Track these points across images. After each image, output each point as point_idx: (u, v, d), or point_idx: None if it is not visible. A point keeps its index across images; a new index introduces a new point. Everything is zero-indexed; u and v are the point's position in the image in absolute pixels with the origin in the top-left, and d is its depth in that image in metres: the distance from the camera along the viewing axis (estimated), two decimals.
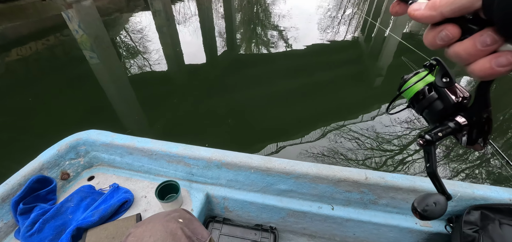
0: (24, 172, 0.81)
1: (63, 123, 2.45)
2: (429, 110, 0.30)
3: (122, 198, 0.84)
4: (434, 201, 0.29)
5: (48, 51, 4.18)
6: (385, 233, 0.88)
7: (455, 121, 0.27)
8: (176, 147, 0.88)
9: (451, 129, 0.28)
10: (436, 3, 0.19)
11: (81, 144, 0.94)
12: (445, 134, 0.28)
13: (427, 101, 0.30)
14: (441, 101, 0.29)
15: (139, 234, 0.41)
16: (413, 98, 0.32)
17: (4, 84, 3.25)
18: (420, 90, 0.31)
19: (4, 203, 0.76)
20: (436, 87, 0.29)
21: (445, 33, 0.19)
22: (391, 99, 0.36)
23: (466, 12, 0.18)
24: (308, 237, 0.99)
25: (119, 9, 6.09)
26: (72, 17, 5.19)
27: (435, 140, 0.29)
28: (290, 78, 3.45)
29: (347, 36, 5.14)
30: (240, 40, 4.94)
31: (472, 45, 0.18)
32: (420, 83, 0.31)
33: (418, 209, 0.29)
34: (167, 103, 2.80)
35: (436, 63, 0.29)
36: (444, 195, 0.30)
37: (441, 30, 0.19)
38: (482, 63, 0.18)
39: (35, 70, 3.66)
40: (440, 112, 0.29)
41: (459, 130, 0.28)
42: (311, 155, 2.16)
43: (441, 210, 0.29)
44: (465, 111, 0.27)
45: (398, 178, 0.79)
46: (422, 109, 0.31)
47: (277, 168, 0.82)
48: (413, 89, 0.31)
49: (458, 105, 0.28)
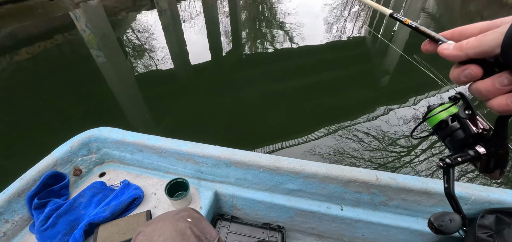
0: (38, 168, 0.83)
1: (72, 121, 2.50)
2: (451, 138, 0.32)
3: (133, 194, 0.85)
4: (450, 219, 0.32)
5: (56, 49, 4.26)
6: (395, 235, 0.87)
7: (475, 150, 0.30)
8: (185, 145, 0.89)
9: (470, 156, 0.30)
10: (463, 45, 0.22)
11: (93, 141, 0.95)
12: (464, 160, 0.31)
13: (449, 130, 0.32)
14: (463, 131, 0.31)
15: (148, 233, 0.41)
16: (437, 125, 0.34)
17: (15, 83, 3.34)
18: (444, 119, 0.33)
19: (20, 198, 0.78)
20: (458, 118, 0.32)
21: (469, 72, 0.22)
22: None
23: (487, 55, 0.21)
24: (316, 237, 0.98)
25: (126, 8, 6.16)
26: (79, 17, 5.27)
27: (455, 165, 0.31)
28: (296, 77, 3.43)
29: (354, 33, 5.07)
30: (246, 39, 4.93)
31: (491, 84, 0.21)
32: (444, 112, 0.33)
33: (434, 224, 0.32)
34: (174, 102, 2.82)
35: (460, 97, 0.32)
36: (459, 215, 0.33)
37: (465, 68, 0.22)
38: (500, 100, 0.21)
39: (44, 68, 3.74)
40: (461, 141, 0.31)
41: (478, 159, 0.30)
42: (318, 154, 2.15)
43: (455, 227, 0.32)
44: (485, 141, 0.30)
45: (410, 179, 0.78)
46: (445, 136, 0.33)
47: (286, 168, 0.82)
48: (438, 118, 0.34)
49: (478, 136, 0.30)
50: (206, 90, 3.07)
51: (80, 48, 4.29)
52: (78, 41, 4.53)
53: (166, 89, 3.18)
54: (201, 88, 3.13)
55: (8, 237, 0.75)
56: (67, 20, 5.23)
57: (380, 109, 2.65)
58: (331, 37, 4.79)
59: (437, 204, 0.80)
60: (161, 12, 6.03)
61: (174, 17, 5.84)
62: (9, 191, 0.76)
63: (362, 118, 2.52)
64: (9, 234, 0.75)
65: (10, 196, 0.75)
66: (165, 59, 3.86)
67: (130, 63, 3.83)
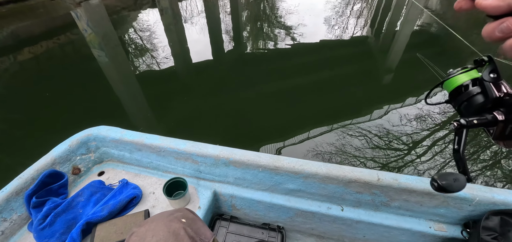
0: (36, 166, 0.83)
1: (73, 119, 2.51)
2: (468, 103, 0.31)
3: (131, 194, 0.84)
4: (454, 178, 0.30)
5: (59, 49, 4.28)
6: (397, 237, 0.85)
7: (493, 115, 0.28)
8: (184, 144, 0.88)
9: (487, 120, 0.29)
10: None
11: (92, 139, 0.95)
12: (479, 124, 0.29)
13: (468, 94, 0.31)
14: (483, 95, 0.30)
15: (141, 234, 0.41)
16: (454, 90, 0.32)
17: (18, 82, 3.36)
18: (464, 84, 0.31)
19: (18, 197, 0.78)
20: (481, 82, 0.30)
21: (507, 25, 0.20)
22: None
23: None
24: (316, 238, 0.97)
25: (127, 7, 6.17)
26: (80, 16, 5.29)
27: (469, 126, 0.30)
28: (297, 75, 3.41)
29: (356, 31, 5.02)
30: (247, 37, 4.91)
31: None
32: (465, 75, 0.31)
33: (438, 181, 0.30)
34: (175, 101, 2.82)
35: (487, 60, 0.30)
36: (465, 175, 0.31)
37: (503, 21, 0.21)
38: None
39: (47, 68, 3.76)
40: (479, 105, 0.30)
41: (494, 124, 0.29)
42: (319, 154, 2.13)
43: (458, 187, 0.30)
44: (506, 107, 0.28)
45: (412, 180, 0.76)
46: (461, 102, 0.32)
47: (285, 167, 0.81)
48: (457, 80, 0.32)
49: (499, 100, 0.29)
50: (207, 89, 3.07)
51: (83, 47, 4.30)
52: (80, 40, 4.55)
53: (167, 88, 3.18)
54: (202, 87, 3.12)
55: (7, 235, 0.75)
56: (69, 19, 5.25)
57: (382, 108, 2.62)
58: (332, 35, 4.75)
59: (440, 206, 0.78)
60: (162, 11, 6.03)
61: (175, 15, 5.83)
62: (7, 189, 0.76)
63: (364, 117, 2.50)
64: (8, 232, 0.75)
65: (8, 194, 0.75)
66: (166, 58, 3.86)
67: (131, 62, 3.84)
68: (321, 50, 4.27)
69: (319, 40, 4.46)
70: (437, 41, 4.62)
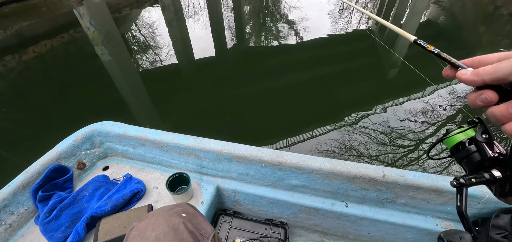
0: (42, 161, 0.84)
1: (78, 116, 2.54)
2: (468, 160, 0.33)
3: (134, 188, 0.85)
4: (460, 236, 0.34)
5: (63, 48, 4.32)
6: (402, 234, 0.84)
7: (490, 173, 0.30)
8: (187, 139, 0.88)
9: (485, 179, 0.30)
10: (479, 71, 0.24)
11: (96, 134, 0.95)
12: (479, 182, 0.31)
13: (466, 152, 0.33)
14: (479, 154, 0.32)
15: (141, 228, 0.41)
16: (454, 147, 0.35)
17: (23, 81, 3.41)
18: (462, 141, 0.34)
19: (25, 190, 0.79)
20: (476, 141, 0.33)
21: (485, 97, 0.23)
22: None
23: (502, 82, 0.23)
24: (320, 234, 0.96)
25: (129, 4, 6.17)
26: (83, 14, 5.32)
27: (468, 185, 0.32)
28: (300, 71, 3.37)
29: (360, 26, 4.93)
30: (250, 33, 4.87)
31: (505, 109, 0.22)
32: (462, 134, 0.34)
33: (445, 240, 0.34)
34: (178, 97, 2.83)
35: (478, 121, 0.33)
36: (470, 233, 0.34)
37: (481, 93, 0.24)
38: None
39: (51, 67, 3.81)
40: (477, 163, 0.32)
41: (493, 182, 0.30)
42: (323, 150, 2.11)
43: None
44: (501, 165, 0.30)
45: (419, 176, 0.75)
46: (461, 158, 0.34)
47: (289, 163, 0.80)
48: (455, 139, 0.35)
49: (494, 160, 0.30)
50: (210, 85, 3.06)
51: (86, 45, 4.33)
52: (83, 38, 4.58)
53: (170, 85, 3.19)
54: (205, 83, 3.12)
55: (14, 228, 0.76)
56: (72, 17, 5.28)
57: (387, 102, 2.58)
58: (336, 30, 4.67)
59: (447, 203, 0.76)
60: (165, 7, 6.02)
61: (177, 12, 5.81)
62: (14, 183, 0.77)
63: (369, 111, 2.46)
64: (15, 225, 0.76)
65: (15, 188, 0.76)
66: (169, 54, 3.86)
67: (134, 59, 3.85)
68: (325, 45, 4.20)
69: (323, 35, 4.39)
70: (444, 34, 4.50)
